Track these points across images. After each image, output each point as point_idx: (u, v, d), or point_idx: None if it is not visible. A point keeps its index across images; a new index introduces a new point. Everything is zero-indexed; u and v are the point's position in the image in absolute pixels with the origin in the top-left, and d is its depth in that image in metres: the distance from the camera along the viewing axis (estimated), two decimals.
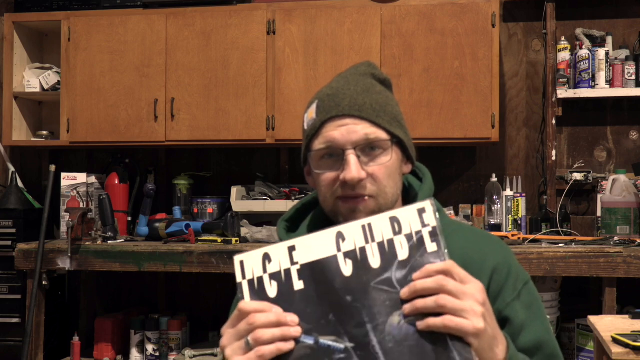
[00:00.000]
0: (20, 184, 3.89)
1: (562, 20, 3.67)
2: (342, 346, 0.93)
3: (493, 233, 3.23)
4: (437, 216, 0.95)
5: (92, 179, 3.77)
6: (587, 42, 3.55)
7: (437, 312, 0.90)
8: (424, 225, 0.95)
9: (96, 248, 3.34)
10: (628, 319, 2.35)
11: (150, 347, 3.61)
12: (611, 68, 3.50)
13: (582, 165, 3.70)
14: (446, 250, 0.93)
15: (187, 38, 3.63)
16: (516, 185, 3.58)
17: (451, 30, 3.44)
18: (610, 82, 3.51)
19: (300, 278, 0.97)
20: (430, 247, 0.94)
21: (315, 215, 1.28)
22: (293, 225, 1.30)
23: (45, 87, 3.84)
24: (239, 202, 3.59)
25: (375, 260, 0.95)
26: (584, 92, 3.50)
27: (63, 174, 3.72)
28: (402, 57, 3.47)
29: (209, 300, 3.96)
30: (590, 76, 3.50)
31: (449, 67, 3.44)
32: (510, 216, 3.51)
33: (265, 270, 0.98)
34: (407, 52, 3.47)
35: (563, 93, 3.51)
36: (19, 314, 3.59)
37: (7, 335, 3.64)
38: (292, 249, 0.98)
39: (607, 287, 3.04)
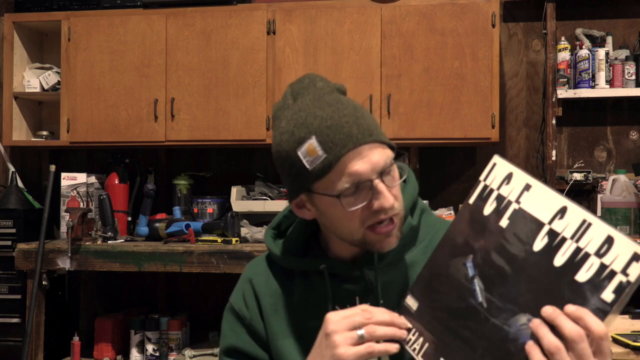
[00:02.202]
0: (20, 184, 3.89)
1: (562, 20, 3.67)
2: (480, 298, 0.95)
3: None
4: None
5: (92, 179, 3.77)
6: (587, 42, 3.55)
7: None
8: (624, 271, 0.85)
9: (96, 248, 3.34)
10: (628, 319, 2.35)
11: (150, 347, 3.61)
12: (611, 68, 3.50)
13: (582, 165, 3.70)
14: (614, 313, 0.86)
15: (187, 38, 3.62)
16: None
17: (451, 30, 3.44)
18: (610, 82, 3.51)
19: (509, 218, 0.96)
20: (607, 295, 0.85)
21: (302, 221, 1.25)
22: (280, 232, 1.29)
23: (45, 87, 3.83)
24: (239, 202, 3.59)
25: (559, 259, 0.90)
26: (584, 92, 3.49)
27: (63, 174, 3.72)
28: (402, 57, 3.47)
29: (209, 300, 3.96)
30: (590, 76, 3.50)
31: (449, 67, 3.44)
32: None
33: (499, 188, 0.98)
34: (407, 52, 3.47)
35: (563, 93, 3.51)
36: (19, 314, 3.59)
37: (7, 335, 3.64)
38: (527, 187, 0.96)
39: None
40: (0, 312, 3.61)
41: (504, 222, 0.96)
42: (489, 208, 0.98)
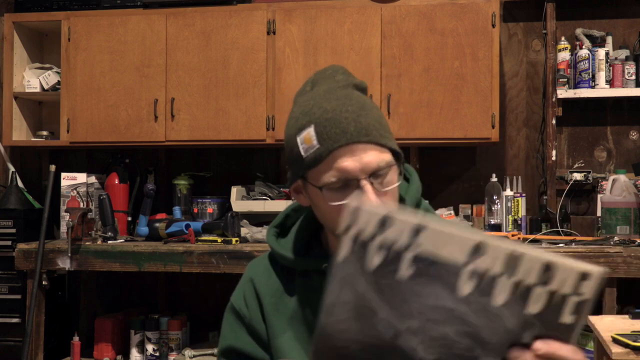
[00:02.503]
0: (20, 184, 3.89)
1: (562, 20, 3.67)
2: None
3: (493, 234, 3.23)
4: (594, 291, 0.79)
5: (92, 179, 3.77)
6: (587, 42, 3.55)
7: None
8: (576, 292, 0.79)
9: (96, 248, 3.34)
10: (628, 319, 2.35)
11: (150, 347, 3.61)
12: (611, 68, 3.50)
13: (582, 165, 3.70)
14: (579, 328, 0.80)
15: (187, 38, 3.63)
16: (516, 185, 3.58)
17: (451, 30, 3.44)
18: (610, 82, 3.51)
19: (412, 266, 0.80)
20: (567, 318, 0.79)
21: (305, 219, 1.26)
22: (283, 231, 1.29)
23: (45, 87, 3.84)
24: (239, 202, 3.59)
25: (498, 298, 0.79)
26: (584, 92, 3.50)
27: (63, 174, 3.72)
28: (402, 57, 3.47)
29: (209, 300, 3.96)
30: (590, 76, 3.50)
31: (449, 67, 3.44)
32: (510, 216, 3.51)
33: (376, 235, 0.81)
34: (407, 52, 3.47)
35: (563, 93, 3.51)
36: (19, 314, 3.59)
37: (7, 335, 3.64)
38: (419, 229, 0.80)
39: (607, 287, 3.03)
40: (0, 312, 3.61)
41: (405, 272, 0.80)
42: (375, 260, 0.81)
